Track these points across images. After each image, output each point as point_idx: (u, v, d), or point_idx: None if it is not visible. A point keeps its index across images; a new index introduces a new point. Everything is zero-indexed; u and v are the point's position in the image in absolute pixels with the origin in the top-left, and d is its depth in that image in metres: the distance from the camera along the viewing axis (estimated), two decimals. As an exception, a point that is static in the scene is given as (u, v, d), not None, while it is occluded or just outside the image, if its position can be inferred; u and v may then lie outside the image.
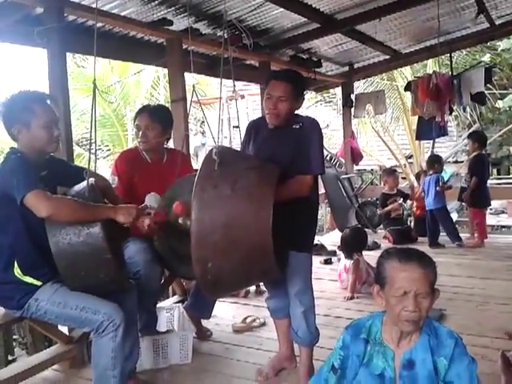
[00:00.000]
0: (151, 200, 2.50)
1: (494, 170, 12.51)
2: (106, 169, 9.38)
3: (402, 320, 1.55)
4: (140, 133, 2.90)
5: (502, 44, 10.29)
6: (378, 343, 1.64)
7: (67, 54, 3.17)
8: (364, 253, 4.32)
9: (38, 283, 2.16)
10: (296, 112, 2.49)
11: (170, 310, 3.22)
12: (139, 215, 2.22)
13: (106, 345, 2.10)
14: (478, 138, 5.76)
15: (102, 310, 2.10)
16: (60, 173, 2.31)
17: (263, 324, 3.40)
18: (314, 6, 4.36)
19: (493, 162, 10.92)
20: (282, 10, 4.16)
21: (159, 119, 2.91)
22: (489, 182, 5.93)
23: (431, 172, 5.67)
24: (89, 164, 2.21)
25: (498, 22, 5.67)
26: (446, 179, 6.21)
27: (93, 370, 2.18)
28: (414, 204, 6.43)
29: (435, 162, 5.73)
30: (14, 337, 4.67)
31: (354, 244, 4.26)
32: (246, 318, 3.47)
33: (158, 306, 3.06)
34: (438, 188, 5.51)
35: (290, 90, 2.37)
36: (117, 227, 2.18)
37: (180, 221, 2.51)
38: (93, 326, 2.11)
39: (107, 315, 2.09)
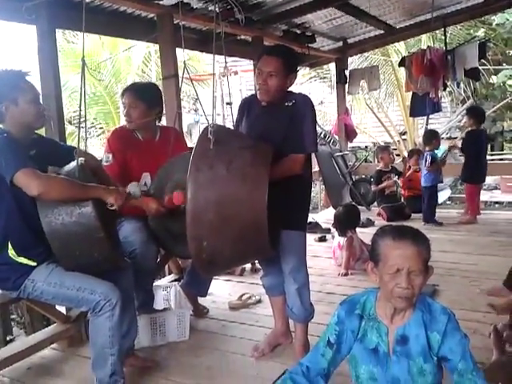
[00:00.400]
0: (133, 188, 2.43)
1: (488, 146, 12.51)
2: (98, 147, 9.32)
3: (395, 296, 1.56)
4: (125, 111, 2.85)
5: (497, 19, 10.19)
6: (372, 319, 1.67)
7: (57, 30, 3.10)
8: (358, 230, 4.34)
9: (33, 264, 2.16)
10: (289, 89, 2.45)
11: (167, 289, 3.25)
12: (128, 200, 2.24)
13: (103, 324, 2.12)
14: (473, 114, 5.74)
15: (98, 289, 2.11)
16: (50, 153, 2.28)
17: (259, 301, 3.43)
18: (306, -21, 4.29)
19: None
20: (274, -17, 4.09)
21: (143, 98, 2.82)
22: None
23: (427, 149, 5.64)
24: (78, 143, 2.19)
25: (492, -4, 5.63)
26: (440, 155, 6.22)
27: (91, 349, 2.21)
28: (401, 184, 6.44)
29: (432, 137, 5.67)
30: (12, 316, 4.67)
31: (347, 221, 4.28)
32: (241, 296, 3.51)
33: (154, 284, 3.08)
34: (425, 168, 5.51)
35: (280, 66, 2.33)
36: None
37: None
38: (89, 305, 2.12)
39: (104, 295, 2.10)
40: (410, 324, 1.62)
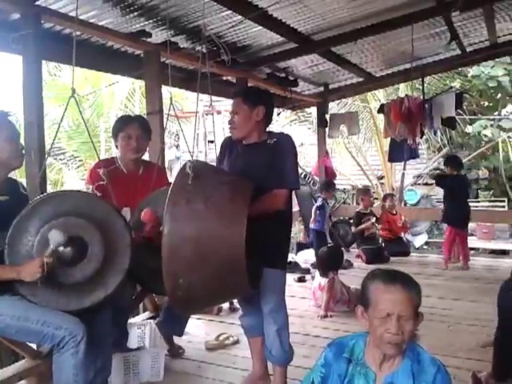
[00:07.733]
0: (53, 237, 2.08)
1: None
2: (77, 179, 9.21)
3: (385, 342, 1.53)
4: (131, 141, 2.89)
5: (472, 71, 10.60)
6: (361, 364, 1.62)
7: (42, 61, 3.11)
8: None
9: None
10: (269, 129, 2.55)
11: (142, 327, 3.14)
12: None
13: (67, 361, 2.02)
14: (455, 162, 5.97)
15: (63, 325, 2.02)
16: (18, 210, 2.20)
17: (236, 342, 3.35)
18: (291, 25, 4.41)
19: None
20: (260, 27, 4.19)
21: (148, 130, 3.02)
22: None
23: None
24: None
25: (468, 50, 5.88)
26: (416, 200, 6.34)
27: None
28: (379, 226, 6.53)
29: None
30: (-21, 351, 4.46)
31: (330, 263, 4.28)
32: (219, 336, 3.42)
33: (129, 322, 2.99)
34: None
35: (240, 103, 2.47)
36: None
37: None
38: (54, 341, 2.03)
39: (69, 330, 2.02)
40: (398, 373, 1.58)
